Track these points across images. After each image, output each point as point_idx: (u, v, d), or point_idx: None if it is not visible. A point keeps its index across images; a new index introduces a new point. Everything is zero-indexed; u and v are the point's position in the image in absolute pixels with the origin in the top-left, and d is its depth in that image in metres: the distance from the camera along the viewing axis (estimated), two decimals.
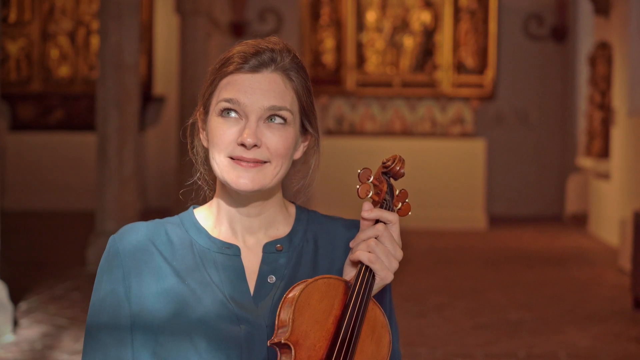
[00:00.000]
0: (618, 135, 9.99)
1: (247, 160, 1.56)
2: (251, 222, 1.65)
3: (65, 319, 5.99)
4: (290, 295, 1.50)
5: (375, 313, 1.55)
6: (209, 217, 1.67)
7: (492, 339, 5.71)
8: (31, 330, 5.68)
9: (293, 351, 1.46)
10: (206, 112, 1.63)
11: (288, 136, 1.59)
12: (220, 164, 1.58)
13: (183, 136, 1.70)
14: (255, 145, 1.56)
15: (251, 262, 1.64)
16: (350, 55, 12.36)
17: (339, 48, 12.41)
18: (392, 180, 1.63)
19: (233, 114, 1.58)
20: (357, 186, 1.57)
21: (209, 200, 1.70)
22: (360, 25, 12.42)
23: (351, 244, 1.58)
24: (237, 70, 1.59)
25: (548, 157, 13.02)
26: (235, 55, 1.60)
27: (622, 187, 9.67)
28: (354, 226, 1.70)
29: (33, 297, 6.62)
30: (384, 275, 1.54)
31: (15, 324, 5.76)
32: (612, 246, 9.61)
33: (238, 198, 1.63)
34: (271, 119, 1.58)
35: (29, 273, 7.50)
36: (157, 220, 1.68)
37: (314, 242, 1.67)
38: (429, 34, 12.37)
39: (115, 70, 7.68)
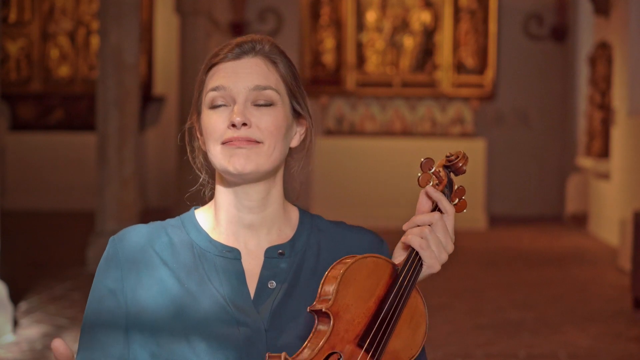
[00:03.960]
0: (618, 135, 9.99)
1: (240, 140, 1.56)
2: (253, 220, 1.63)
3: (65, 319, 5.99)
4: (339, 266, 1.50)
5: (416, 301, 1.55)
6: (210, 219, 1.67)
7: (492, 339, 5.71)
8: (31, 330, 5.69)
9: (332, 321, 1.47)
10: (199, 114, 1.64)
11: (277, 115, 1.59)
12: (215, 153, 1.58)
13: (181, 140, 1.70)
14: (244, 124, 1.56)
15: (252, 266, 1.63)
16: (350, 55, 12.36)
17: (339, 48, 12.41)
18: (452, 175, 1.64)
19: (222, 103, 1.59)
20: (419, 174, 1.58)
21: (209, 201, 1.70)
22: (360, 25, 12.41)
23: (405, 227, 1.58)
24: (220, 61, 1.61)
25: (548, 157, 13.02)
26: (217, 51, 1.63)
27: (622, 187, 9.67)
28: (359, 230, 1.70)
29: (33, 297, 6.62)
30: (431, 263, 1.55)
31: (15, 324, 5.76)
32: (612, 246, 9.60)
33: (241, 191, 1.61)
34: (259, 102, 1.59)
35: (29, 273, 7.50)
36: (158, 223, 1.68)
37: (317, 247, 1.66)
38: (429, 34, 12.37)
39: (115, 70, 7.69)
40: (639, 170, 9.02)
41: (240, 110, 1.56)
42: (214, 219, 1.66)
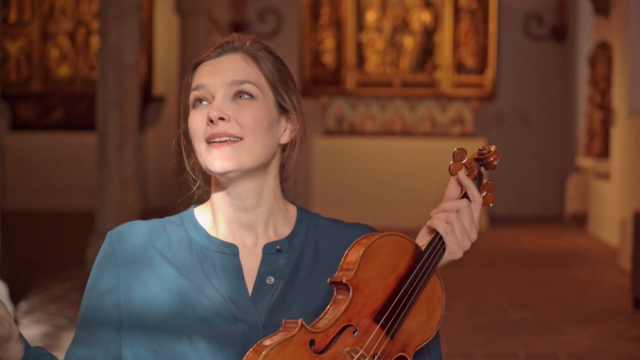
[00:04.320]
0: (618, 135, 9.99)
1: (220, 135, 1.56)
2: (248, 218, 1.63)
3: (65, 319, 5.99)
4: (363, 241, 1.51)
5: (436, 285, 1.56)
6: (208, 216, 1.67)
7: (492, 339, 5.71)
8: (31, 330, 5.69)
9: (351, 293, 1.48)
10: (187, 117, 1.64)
11: (257, 109, 1.58)
12: (201, 152, 1.58)
13: (176, 145, 1.70)
14: (221, 119, 1.56)
15: (250, 262, 1.63)
16: (350, 55, 12.36)
17: (339, 48, 12.41)
18: (482, 169, 1.65)
19: (203, 101, 1.59)
20: (450, 162, 1.60)
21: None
22: (360, 25, 12.41)
23: (432, 213, 1.59)
24: (202, 61, 1.62)
25: (548, 157, 13.02)
26: (202, 52, 1.64)
27: (622, 187, 9.67)
28: (356, 226, 1.70)
29: (33, 297, 6.63)
30: (453, 249, 1.56)
31: (15, 324, 5.75)
32: (612, 246, 9.60)
33: (233, 191, 1.61)
34: (239, 96, 1.58)
35: (29, 273, 7.50)
36: (157, 220, 1.68)
37: (315, 244, 1.66)
38: (429, 34, 12.37)
39: (115, 70, 7.68)
40: (639, 170, 9.02)
41: (217, 105, 1.56)
42: (210, 218, 1.66)
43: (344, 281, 1.48)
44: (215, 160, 1.56)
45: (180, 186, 1.70)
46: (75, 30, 12.85)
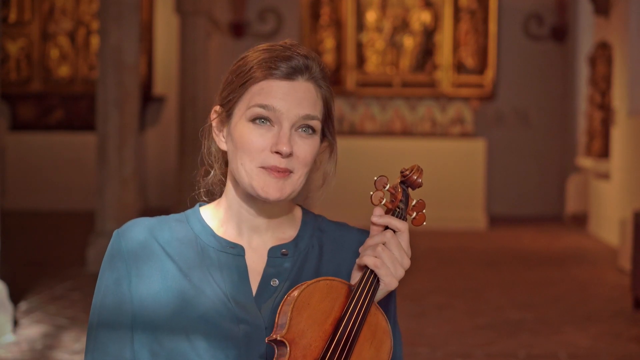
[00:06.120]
0: (618, 135, 9.99)
1: (279, 170, 1.56)
2: (259, 223, 1.64)
3: (65, 319, 5.99)
4: (292, 294, 1.51)
5: (377, 318, 1.55)
6: (215, 216, 1.67)
7: (492, 339, 5.71)
8: (31, 330, 5.69)
9: (288, 348, 1.47)
10: (229, 115, 1.61)
11: (315, 145, 1.60)
12: (250, 172, 1.57)
13: (201, 136, 1.68)
14: (289, 154, 1.56)
15: (255, 263, 1.63)
16: (350, 55, 12.36)
17: (339, 48, 12.41)
18: (409, 190, 1.63)
19: (266, 122, 1.57)
20: (371, 192, 1.58)
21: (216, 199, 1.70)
22: (360, 25, 12.41)
23: (360, 250, 1.58)
24: (271, 75, 1.58)
25: (548, 157, 13.02)
26: (267, 60, 1.59)
27: (622, 187, 9.67)
28: (364, 232, 1.69)
29: (33, 297, 6.62)
30: (388, 281, 1.54)
31: (15, 324, 5.76)
32: (612, 246, 9.61)
33: (253, 202, 1.62)
34: (302, 129, 1.58)
35: (29, 273, 7.50)
36: (162, 217, 1.67)
37: (320, 247, 1.67)
38: (429, 34, 12.37)
39: (115, 70, 7.68)
40: (639, 170, 9.03)
41: (287, 139, 1.55)
42: (219, 216, 1.66)
43: (278, 338, 1.47)
44: (268, 188, 1.56)
45: (180, 186, 1.68)
46: (75, 30, 12.85)
